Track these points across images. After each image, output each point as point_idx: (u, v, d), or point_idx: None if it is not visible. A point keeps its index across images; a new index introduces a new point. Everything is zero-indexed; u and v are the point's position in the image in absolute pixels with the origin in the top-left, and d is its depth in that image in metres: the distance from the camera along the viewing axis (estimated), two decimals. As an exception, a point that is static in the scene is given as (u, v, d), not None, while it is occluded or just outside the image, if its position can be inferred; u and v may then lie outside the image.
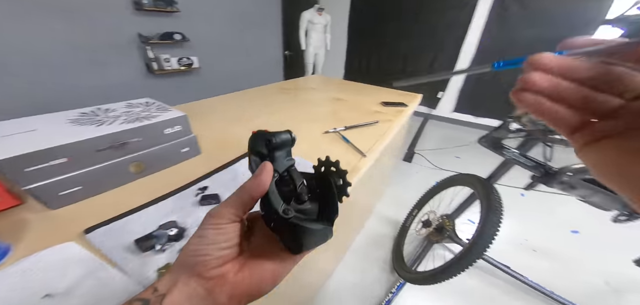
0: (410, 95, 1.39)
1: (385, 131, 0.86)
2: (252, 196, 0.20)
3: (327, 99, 1.22)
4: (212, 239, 0.18)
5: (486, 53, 2.87)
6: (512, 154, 0.55)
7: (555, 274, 1.20)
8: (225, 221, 0.19)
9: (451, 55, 3.10)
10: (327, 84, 1.58)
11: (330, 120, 0.93)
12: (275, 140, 0.24)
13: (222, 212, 0.19)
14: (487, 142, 0.55)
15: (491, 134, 0.54)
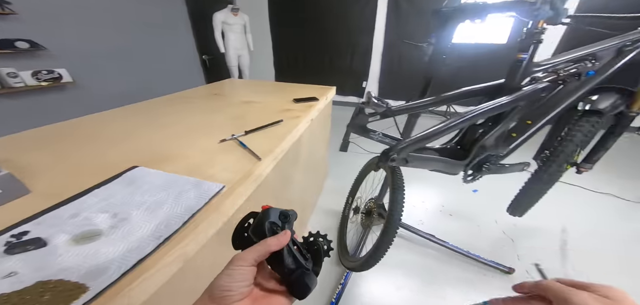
0: (323, 88, 1.44)
1: (290, 129, 0.85)
2: (269, 250, 0.26)
3: (234, 104, 1.15)
4: (237, 277, 0.23)
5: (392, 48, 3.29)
6: (377, 136, 0.60)
7: (468, 232, 1.41)
8: (247, 264, 0.24)
9: (366, 47, 3.42)
10: (239, 87, 1.50)
11: (231, 126, 0.87)
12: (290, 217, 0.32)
13: (247, 257, 0.25)
14: (354, 128, 0.59)
15: (354, 120, 0.58)
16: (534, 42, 0.49)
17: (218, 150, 0.71)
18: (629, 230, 1.40)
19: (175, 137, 0.80)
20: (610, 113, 0.71)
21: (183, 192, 0.51)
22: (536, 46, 0.50)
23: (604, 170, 1.90)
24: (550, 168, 0.84)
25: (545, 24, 0.49)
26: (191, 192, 0.51)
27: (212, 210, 0.49)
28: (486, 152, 0.63)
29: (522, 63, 0.51)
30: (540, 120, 0.64)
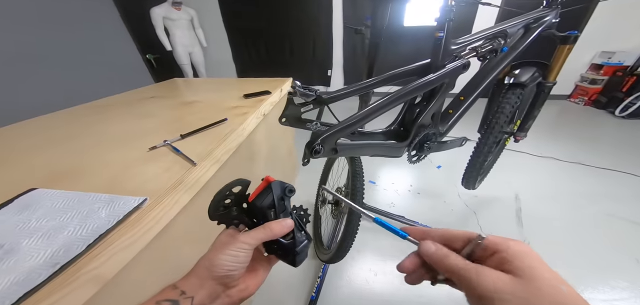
0: (278, 81, 1.39)
1: (235, 127, 0.81)
2: (274, 237, 0.28)
3: (172, 106, 1.06)
4: (241, 259, 0.25)
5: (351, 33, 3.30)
6: (314, 126, 0.59)
7: (436, 209, 1.49)
8: (251, 247, 0.26)
9: (326, 34, 3.40)
10: (182, 87, 1.39)
11: (165, 131, 0.79)
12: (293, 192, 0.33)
13: (251, 241, 0.26)
14: (288, 121, 0.57)
15: (285, 112, 0.56)
16: (447, 20, 0.51)
17: (146, 160, 0.64)
18: (568, 189, 1.59)
19: (93, 149, 0.71)
20: (531, 84, 0.79)
21: (92, 212, 0.45)
22: (449, 24, 0.52)
23: (544, 136, 2.16)
24: (489, 140, 0.91)
25: (453, 1, 0.51)
26: (102, 211, 0.46)
27: (129, 227, 0.44)
28: (426, 130, 0.66)
29: (441, 41, 0.53)
30: (471, 96, 0.69)
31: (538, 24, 0.68)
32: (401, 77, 0.59)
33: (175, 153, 0.66)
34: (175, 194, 0.54)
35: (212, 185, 0.69)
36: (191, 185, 0.58)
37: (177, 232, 0.58)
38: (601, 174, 1.71)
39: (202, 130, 0.78)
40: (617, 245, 1.17)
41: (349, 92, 0.57)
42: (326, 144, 0.50)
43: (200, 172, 0.61)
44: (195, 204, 0.62)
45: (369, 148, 0.58)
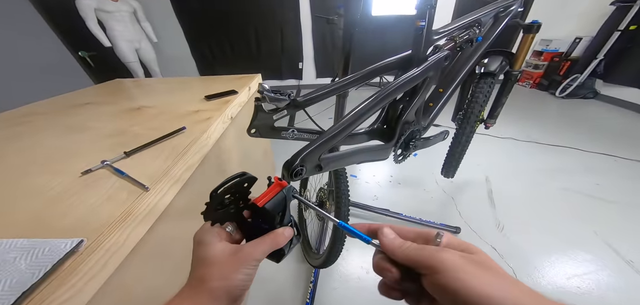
0: (245, 78, 1.29)
1: (197, 136, 0.70)
2: (279, 245, 0.29)
3: (114, 114, 0.90)
4: (253, 276, 0.25)
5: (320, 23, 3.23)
6: (290, 134, 0.53)
7: (417, 198, 1.53)
8: (259, 262, 0.26)
9: (294, 25, 3.28)
10: (129, 89, 1.21)
11: (104, 148, 0.66)
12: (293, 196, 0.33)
13: (258, 256, 0.26)
14: (260, 132, 0.50)
15: (254, 123, 0.49)
16: (428, 7, 0.49)
17: (81, 187, 0.52)
18: (528, 166, 1.75)
19: (8, 175, 0.56)
20: (500, 73, 0.83)
21: (6, 264, 0.35)
22: (432, 11, 0.50)
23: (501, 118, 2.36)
24: (466, 129, 0.95)
25: None
26: (21, 262, 0.36)
27: (65, 277, 0.35)
28: (410, 127, 0.64)
29: (423, 31, 0.51)
30: (449, 87, 0.69)
31: (506, 13, 0.71)
32: (382, 71, 0.56)
33: (119, 176, 0.55)
34: (124, 228, 0.44)
35: (175, 211, 0.59)
36: (145, 215, 0.48)
37: (137, 273, 0.48)
38: (552, 150, 1.92)
39: (153, 144, 0.66)
40: (576, 218, 1.30)
41: (327, 92, 0.52)
42: (308, 162, 0.44)
43: (155, 198, 0.51)
44: (157, 233, 0.52)
45: (356, 155, 0.54)
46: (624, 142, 1.95)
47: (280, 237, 0.28)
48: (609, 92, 2.71)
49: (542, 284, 1.02)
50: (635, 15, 2.39)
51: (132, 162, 0.60)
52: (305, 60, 3.59)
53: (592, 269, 1.05)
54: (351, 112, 0.47)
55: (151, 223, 0.49)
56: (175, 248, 0.59)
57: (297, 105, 0.49)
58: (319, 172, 0.47)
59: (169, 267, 0.58)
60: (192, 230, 0.32)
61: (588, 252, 1.12)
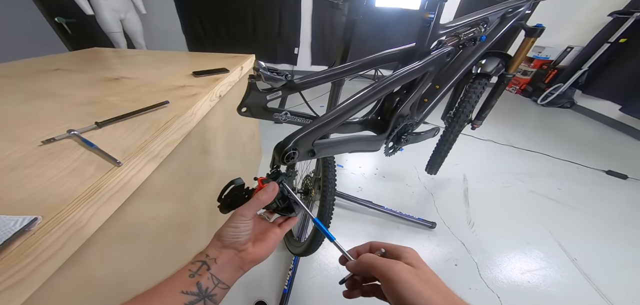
0: (237, 57, 1.20)
1: (181, 112, 0.63)
2: (262, 204, 0.33)
3: (89, 82, 0.81)
4: (242, 229, 0.31)
5: (320, 8, 3.08)
6: (283, 117, 0.48)
7: (399, 192, 1.52)
8: (247, 218, 0.31)
9: (294, 8, 3.11)
10: (108, 59, 1.10)
11: (72, 117, 0.58)
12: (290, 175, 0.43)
13: (246, 213, 0.32)
14: (251, 111, 0.45)
15: (246, 102, 0.44)
16: (440, 0, 0.45)
17: (40, 158, 0.45)
18: (502, 168, 1.79)
19: None
20: (495, 75, 0.81)
21: None
22: (442, 4, 0.46)
23: (485, 120, 2.40)
24: (455, 128, 0.93)
25: None
26: None
27: (13, 259, 0.30)
28: (404, 121, 0.60)
29: (430, 24, 0.47)
30: (446, 84, 0.66)
31: (514, 14, 0.68)
32: (382, 61, 0.52)
33: (88, 148, 0.48)
34: (88, 206, 0.38)
35: (151, 189, 0.53)
36: (115, 192, 0.42)
37: (102, 256, 0.42)
38: (525, 154, 1.97)
39: (131, 116, 0.59)
40: (536, 219, 1.36)
41: (326, 76, 0.47)
42: (301, 146, 0.40)
43: (128, 174, 0.45)
44: (128, 213, 0.46)
45: (349, 144, 0.50)
46: (588, 151, 2.03)
47: (261, 195, 0.33)
48: (584, 103, 2.78)
49: (499, 278, 1.06)
50: (628, 27, 2.32)
51: (104, 134, 0.53)
52: (302, 46, 3.43)
53: (543, 266, 1.11)
54: (349, 99, 0.43)
55: (122, 201, 0.44)
56: (149, 229, 0.54)
57: (293, 87, 0.44)
58: (311, 157, 0.43)
59: (140, 250, 0.52)
60: (170, 211, 0.37)
61: (541, 251, 1.18)
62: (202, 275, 0.28)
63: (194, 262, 0.29)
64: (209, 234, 0.87)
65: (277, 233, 0.36)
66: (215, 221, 0.91)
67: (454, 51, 0.52)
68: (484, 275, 1.06)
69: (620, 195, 1.56)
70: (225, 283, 0.29)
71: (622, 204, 1.50)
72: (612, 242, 1.24)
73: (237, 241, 0.30)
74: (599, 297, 1.00)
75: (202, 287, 0.27)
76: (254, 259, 0.31)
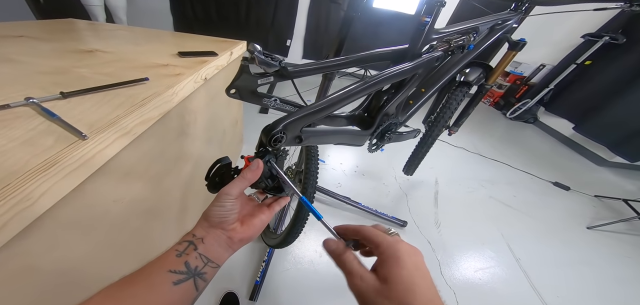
0: (228, 42, 1.12)
1: (161, 91, 0.57)
2: (248, 183, 0.32)
3: (57, 52, 0.71)
4: (228, 207, 0.29)
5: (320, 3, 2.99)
6: (272, 103, 0.45)
7: (376, 190, 1.54)
8: (233, 197, 0.30)
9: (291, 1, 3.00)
10: (84, 30, 0.98)
11: (32, 84, 0.51)
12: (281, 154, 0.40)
13: (231, 192, 0.30)
14: (240, 94, 0.42)
15: (236, 83, 0.40)
16: (438, 4, 0.44)
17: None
18: (469, 174, 1.87)
19: None
20: (476, 84, 0.82)
21: None
22: (439, 9, 0.45)
23: (460, 129, 2.51)
24: (434, 132, 0.95)
25: None
26: None
27: None
28: (389, 120, 0.59)
29: (425, 27, 0.46)
30: (431, 88, 0.66)
31: (502, 26, 0.69)
32: (374, 59, 0.50)
33: (48, 118, 0.41)
34: (41, 181, 0.32)
35: (118, 168, 0.47)
36: (75, 167, 0.37)
37: (50, 240, 0.37)
38: (490, 163, 2.09)
39: (103, 89, 0.52)
40: (492, 222, 1.45)
41: (318, 67, 0.44)
42: (290, 131, 0.37)
43: (93, 149, 0.39)
44: (88, 192, 0.41)
45: (335, 135, 0.48)
46: (542, 163, 2.19)
47: (246, 173, 0.31)
48: (545, 119, 2.96)
49: (456, 275, 1.12)
50: (595, 50, 2.38)
51: (69, 105, 0.46)
52: (295, 39, 3.33)
53: (493, 264, 1.19)
54: (339, 90, 0.41)
55: (83, 178, 0.38)
56: (110, 213, 0.48)
57: (285, 74, 0.41)
58: (298, 143, 0.41)
59: (96, 235, 0.47)
60: (138, 193, 0.34)
61: (493, 251, 1.26)
62: (190, 255, 0.26)
63: (181, 242, 0.27)
64: (179, 221, 0.82)
65: (266, 213, 0.34)
66: (187, 207, 0.85)
67: (443, 56, 0.52)
68: (444, 273, 1.11)
69: (562, 204, 1.72)
70: (214, 261, 0.28)
71: (561, 212, 1.64)
72: (550, 245, 1.36)
73: (224, 220, 0.29)
74: (532, 292, 1.09)
75: (191, 266, 0.25)
76: (243, 238, 0.30)
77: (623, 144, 2.15)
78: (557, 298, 1.08)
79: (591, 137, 2.35)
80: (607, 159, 2.34)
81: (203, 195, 1.02)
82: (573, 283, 1.17)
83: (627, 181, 2.20)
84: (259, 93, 0.44)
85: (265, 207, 0.35)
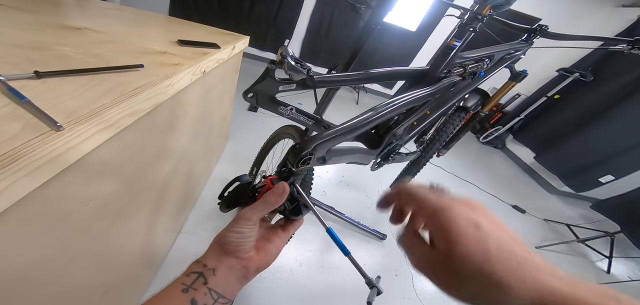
0: (232, 35, 1.04)
1: (156, 81, 0.49)
2: (270, 209, 0.27)
3: (37, 25, 0.59)
4: (246, 234, 0.25)
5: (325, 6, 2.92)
6: (288, 112, 0.40)
7: (360, 202, 1.52)
8: (253, 223, 0.26)
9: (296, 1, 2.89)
10: (68, 6, 0.84)
11: (7, 59, 0.41)
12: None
13: (252, 217, 0.26)
14: (258, 100, 0.36)
15: (257, 86, 0.35)
16: (472, 28, 0.41)
17: None
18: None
19: None
20: (472, 111, 0.83)
21: None
22: (471, 34, 0.42)
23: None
24: (428, 153, 0.94)
25: (492, 10, 0.41)
26: None
27: None
28: (396, 140, 0.56)
29: (453, 52, 0.43)
30: (436, 112, 0.64)
31: (512, 56, 0.68)
32: (395, 77, 0.47)
33: (16, 100, 0.33)
34: (2, 177, 0.25)
35: (94, 164, 0.39)
36: (44, 163, 0.29)
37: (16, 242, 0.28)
38: (463, 183, 2.18)
39: (89, 73, 0.44)
40: None
41: (345, 80, 0.40)
42: (319, 152, 0.32)
43: (68, 142, 0.31)
44: (54, 191, 0.33)
45: (349, 155, 0.44)
46: (504, 187, 2.34)
47: (269, 197, 0.27)
48: (511, 147, 3.14)
49: (426, 288, 1.14)
50: (565, 85, 2.46)
51: (44, 87, 0.37)
52: (293, 39, 3.22)
53: None
54: (367, 113, 0.37)
55: (50, 176, 0.30)
56: (76, 215, 0.39)
57: (309, 84, 0.36)
58: (321, 164, 0.36)
59: (54, 239, 0.37)
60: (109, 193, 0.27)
61: None
62: (198, 290, 0.22)
63: (189, 273, 0.23)
64: (148, 223, 0.71)
65: (282, 237, 0.29)
66: (160, 210, 0.75)
67: (459, 82, 0.50)
68: (416, 286, 1.14)
69: (518, 225, 1.86)
70: (225, 297, 0.23)
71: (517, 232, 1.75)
72: None
73: (241, 249, 0.25)
74: None
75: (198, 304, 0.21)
76: (259, 266, 0.26)
77: (572, 176, 2.35)
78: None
79: (547, 167, 2.55)
80: (557, 188, 2.55)
81: (181, 197, 0.93)
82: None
83: (570, 208, 2.42)
84: (277, 100, 0.38)
85: (280, 229, 0.30)
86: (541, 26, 0.64)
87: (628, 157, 2.10)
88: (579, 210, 2.40)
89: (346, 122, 0.35)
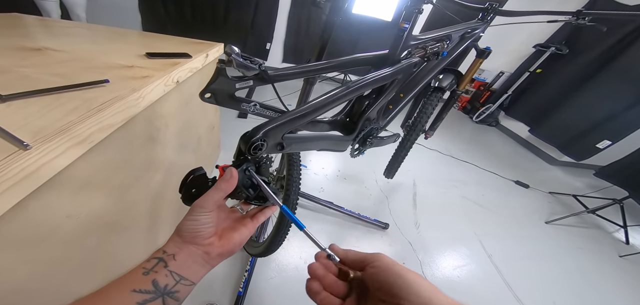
0: (203, 44, 1.07)
1: (123, 95, 0.52)
2: (225, 194, 0.30)
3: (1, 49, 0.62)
4: (202, 221, 0.27)
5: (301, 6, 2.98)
6: (252, 108, 0.43)
7: (358, 194, 1.55)
8: (208, 210, 0.28)
9: (271, 3, 2.94)
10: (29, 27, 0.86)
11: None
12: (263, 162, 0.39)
13: (207, 205, 0.28)
14: (216, 98, 0.39)
15: (211, 87, 0.38)
16: (417, 10, 0.45)
17: None
18: (443, 176, 1.98)
19: None
20: (449, 90, 0.88)
21: None
22: (417, 16, 0.46)
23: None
24: (412, 136, 0.98)
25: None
26: None
27: None
28: (370, 124, 0.60)
29: (404, 33, 0.47)
30: (409, 94, 0.68)
31: (471, 34, 0.73)
32: (356, 64, 0.50)
33: (-23, 126, 0.35)
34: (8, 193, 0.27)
35: (71, 180, 0.41)
36: (15, 182, 0.31)
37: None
38: (461, 164, 2.22)
39: (53, 92, 0.46)
40: (465, 220, 1.54)
41: (299, 72, 0.43)
42: (271, 138, 0.35)
43: (38, 160, 0.34)
44: (32, 209, 0.35)
45: (318, 142, 0.47)
46: (504, 164, 2.39)
47: (220, 183, 0.30)
48: (505, 123, 3.25)
49: (437, 274, 1.16)
50: (544, 60, 2.64)
51: (9, 110, 0.39)
52: (275, 42, 3.28)
53: (468, 262, 1.26)
54: (322, 96, 0.40)
55: (25, 194, 0.33)
56: (62, 230, 0.42)
57: (265, 77, 0.39)
58: (279, 151, 0.39)
59: (44, 255, 0.40)
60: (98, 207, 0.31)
61: (468, 248, 1.33)
62: (159, 272, 0.24)
63: (149, 259, 0.25)
64: (149, 235, 0.75)
65: (249, 225, 0.32)
66: (158, 219, 0.78)
67: (420, 62, 0.54)
68: (425, 272, 1.15)
69: (523, 201, 1.88)
70: (188, 278, 0.25)
71: (523, 208, 1.79)
72: (517, 240, 1.47)
73: (198, 235, 0.27)
74: (505, 285, 1.17)
75: (160, 285, 0.23)
76: (221, 252, 0.28)
77: (569, 145, 2.43)
78: (527, 292, 1.16)
79: (543, 138, 2.63)
80: (557, 159, 2.63)
81: (177, 206, 0.94)
82: (541, 275, 1.27)
83: (575, 178, 2.47)
84: (237, 97, 0.41)
85: (249, 218, 0.33)
86: (492, 5, 0.70)
87: (619, 121, 2.18)
88: (584, 180, 2.43)
89: (295, 109, 0.39)
